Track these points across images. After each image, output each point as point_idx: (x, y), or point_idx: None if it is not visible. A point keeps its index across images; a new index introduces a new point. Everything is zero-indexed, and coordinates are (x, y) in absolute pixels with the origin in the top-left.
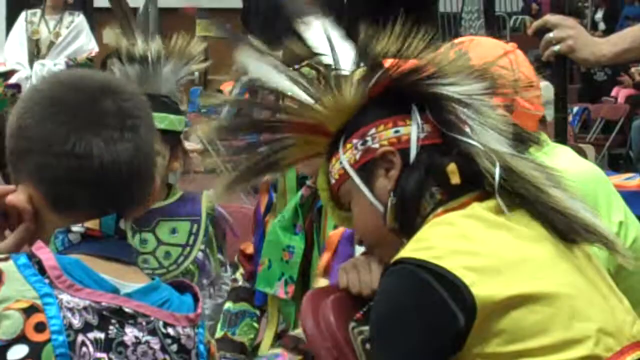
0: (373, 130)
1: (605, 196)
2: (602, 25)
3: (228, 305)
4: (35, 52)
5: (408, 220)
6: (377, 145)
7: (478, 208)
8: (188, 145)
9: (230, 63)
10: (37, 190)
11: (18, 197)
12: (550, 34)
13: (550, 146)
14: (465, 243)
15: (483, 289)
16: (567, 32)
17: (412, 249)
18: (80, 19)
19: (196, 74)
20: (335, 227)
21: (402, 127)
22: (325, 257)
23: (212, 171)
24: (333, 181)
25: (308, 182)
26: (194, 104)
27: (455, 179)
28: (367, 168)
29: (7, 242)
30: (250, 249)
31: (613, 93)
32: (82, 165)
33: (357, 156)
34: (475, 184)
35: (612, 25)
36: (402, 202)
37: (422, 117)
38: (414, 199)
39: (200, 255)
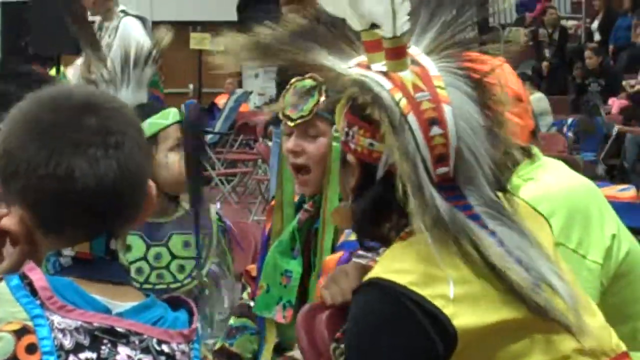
0: (356, 128)
1: (597, 209)
2: (597, 36)
3: (231, 320)
4: None
5: (366, 228)
6: (352, 146)
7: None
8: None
9: (224, 76)
10: (27, 212)
11: (9, 220)
12: None
13: (542, 160)
14: (440, 269)
15: (463, 319)
16: None
17: (388, 270)
18: None
19: (190, 86)
20: (333, 251)
21: (377, 143)
22: (322, 282)
23: (207, 183)
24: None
25: (305, 206)
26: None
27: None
28: (343, 154)
29: (2, 266)
30: (254, 272)
31: (608, 103)
32: (65, 187)
33: (342, 137)
34: None
35: (607, 35)
36: (359, 213)
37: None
38: (372, 215)
39: (214, 267)
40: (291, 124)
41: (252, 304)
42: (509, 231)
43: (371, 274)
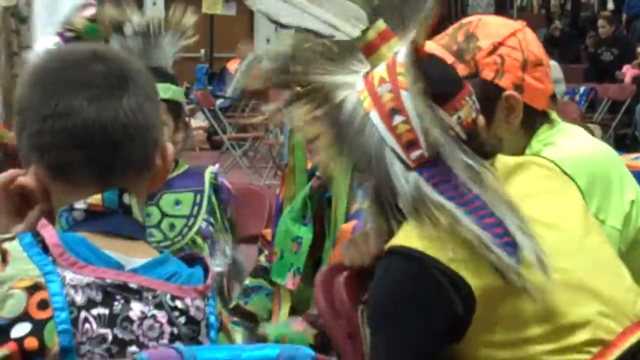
0: None
1: (617, 175)
2: (610, 5)
3: (247, 280)
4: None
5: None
6: None
7: None
8: (194, 122)
9: (236, 41)
10: (38, 165)
11: (25, 177)
12: None
13: (560, 125)
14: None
15: (478, 279)
16: None
17: (407, 237)
18: None
19: (202, 51)
20: (347, 219)
21: None
22: (338, 250)
23: (218, 148)
24: None
25: (317, 173)
26: (200, 81)
27: None
28: None
29: (21, 227)
30: (269, 236)
31: (622, 70)
32: (66, 124)
33: None
34: None
35: (620, 4)
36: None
37: None
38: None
39: (204, 225)
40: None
41: (267, 266)
42: (484, 192)
43: (391, 242)
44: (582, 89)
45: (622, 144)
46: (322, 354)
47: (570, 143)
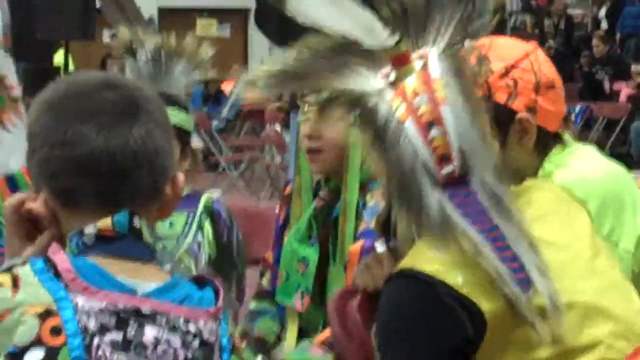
0: None
1: (630, 197)
2: (604, 24)
3: (251, 304)
4: None
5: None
6: None
7: None
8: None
9: (230, 62)
10: (47, 191)
11: (35, 202)
12: None
13: (573, 146)
14: (465, 255)
15: (492, 304)
16: None
17: (416, 260)
18: None
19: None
20: (355, 239)
21: None
22: (350, 274)
23: (213, 169)
24: None
25: (321, 194)
26: (195, 102)
27: None
28: None
29: (32, 250)
30: (271, 258)
31: (615, 87)
32: (73, 152)
33: None
34: None
35: (614, 23)
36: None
37: None
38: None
39: (195, 246)
40: (309, 108)
41: (270, 289)
42: (505, 224)
43: (401, 265)
44: (577, 107)
45: (617, 163)
46: None
47: (582, 165)
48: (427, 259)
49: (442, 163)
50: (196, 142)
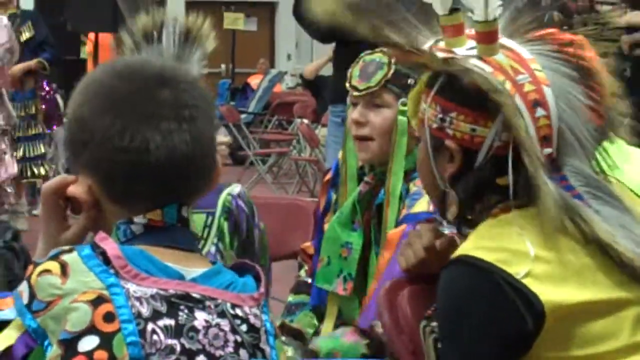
0: (454, 114)
1: None
2: None
3: (289, 297)
4: None
5: (466, 213)
6: (450, 132)
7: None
8: (217, 137)
9: (257, 56)
10: (96, 183)
11: (77, 188)
12: None
13: (625, 148)
14: (527, 247)
15: (551, 296)
16: None
17: (477, 247)
18: None
19: (223, 66)
20: (397, 224)
21: (480, 128)
22: (386, 256)
23: (241, 163)
24: (419, 115)
25: (366, 178)
26: (222, 96)
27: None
28: (437, 141)
29: (70, 232)
30: (311, 250)
31: None
32: (138, 160)
33: (434, 124)
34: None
35: None
36: (462, 200)
37: (503, 126)
38: (472, 198)
39: (212, 249)
40: (357, 94)
41: (309, 280)
42: (611, 210)
43: (460, 251)
44: None
45: None
46: None
47: (629, 168)
48: (488, 247)
49: (544, 144)
50: (222, 136)
